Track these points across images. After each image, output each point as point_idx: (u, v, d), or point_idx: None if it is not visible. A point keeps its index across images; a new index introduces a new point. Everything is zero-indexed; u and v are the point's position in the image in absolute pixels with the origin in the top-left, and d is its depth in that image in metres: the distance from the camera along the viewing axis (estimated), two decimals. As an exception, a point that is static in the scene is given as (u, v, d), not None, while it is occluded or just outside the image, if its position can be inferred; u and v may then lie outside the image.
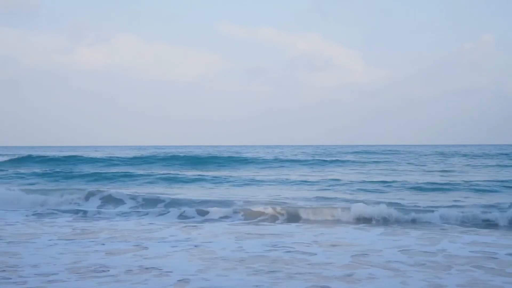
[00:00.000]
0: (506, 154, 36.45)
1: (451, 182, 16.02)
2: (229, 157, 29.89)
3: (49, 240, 7.20)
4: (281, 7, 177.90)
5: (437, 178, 17.78)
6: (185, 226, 8.72)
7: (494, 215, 9.25)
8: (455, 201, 11.76)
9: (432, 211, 9.58)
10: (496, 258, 6.02)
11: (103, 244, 6.83)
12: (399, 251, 6.47)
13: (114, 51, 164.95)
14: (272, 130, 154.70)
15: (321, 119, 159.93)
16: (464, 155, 37.19)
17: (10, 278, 4.94)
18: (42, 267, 5.42)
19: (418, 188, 14.58)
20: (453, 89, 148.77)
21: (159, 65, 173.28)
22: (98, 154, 35.04)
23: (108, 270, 5.28)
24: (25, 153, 34.71)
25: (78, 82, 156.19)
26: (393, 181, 16.18)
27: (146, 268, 5.39)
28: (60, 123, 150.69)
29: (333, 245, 6.86)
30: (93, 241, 7.05)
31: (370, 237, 7.62)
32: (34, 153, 34.09)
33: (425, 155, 37.94)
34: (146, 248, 6.59)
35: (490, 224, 8.98)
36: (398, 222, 9.13)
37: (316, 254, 6.24)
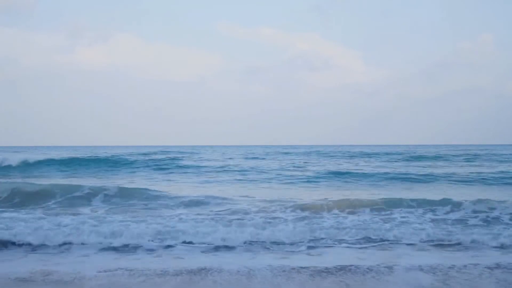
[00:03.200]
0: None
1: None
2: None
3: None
4: (281, 7, 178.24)
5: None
6: None
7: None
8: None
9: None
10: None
11: None
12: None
13: (114, 51, 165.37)
14: (271, 130, 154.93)
15: (320, 119, 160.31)
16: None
17: None
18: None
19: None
20: (453, 89, 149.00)
21: (159, 65, 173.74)
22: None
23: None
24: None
25: (78, 82, 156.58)
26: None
27: None
28: (60, 123, 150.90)
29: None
30: None
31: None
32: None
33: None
34: None
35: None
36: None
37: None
